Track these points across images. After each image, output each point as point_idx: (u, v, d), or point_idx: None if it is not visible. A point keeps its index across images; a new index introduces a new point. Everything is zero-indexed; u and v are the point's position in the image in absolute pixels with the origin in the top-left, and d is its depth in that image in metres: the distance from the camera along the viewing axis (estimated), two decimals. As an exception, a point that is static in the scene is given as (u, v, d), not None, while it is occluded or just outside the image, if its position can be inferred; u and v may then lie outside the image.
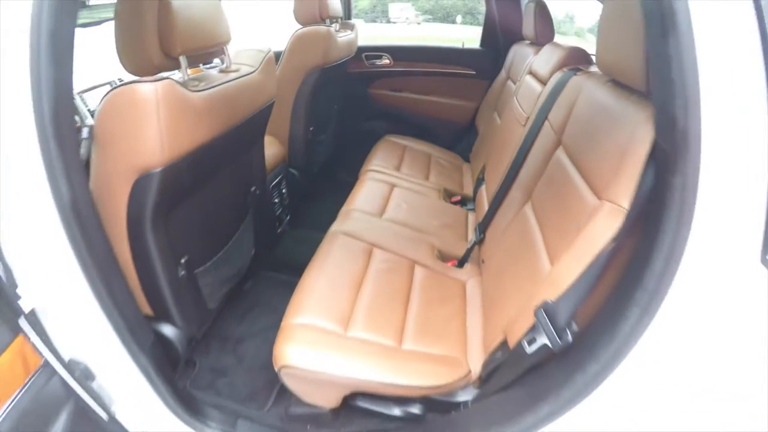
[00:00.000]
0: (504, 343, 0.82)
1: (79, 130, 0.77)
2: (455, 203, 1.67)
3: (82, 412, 0.69)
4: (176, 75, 0.86)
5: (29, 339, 0.60)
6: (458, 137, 2.23)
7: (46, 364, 0.63)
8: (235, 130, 1.03)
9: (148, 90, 0.75)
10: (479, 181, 1.59)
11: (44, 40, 0.57)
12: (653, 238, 0.47)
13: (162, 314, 1.00)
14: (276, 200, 1.59)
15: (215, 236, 1.14)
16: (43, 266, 0.67)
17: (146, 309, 0.98)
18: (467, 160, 2.04)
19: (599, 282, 0.61)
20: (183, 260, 0.99)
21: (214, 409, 0.94)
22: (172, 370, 1.01)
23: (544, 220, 0.91)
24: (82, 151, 0.79)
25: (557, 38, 1.64)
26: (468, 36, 3.11)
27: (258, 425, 0.95)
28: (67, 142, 0.62)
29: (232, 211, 1.22)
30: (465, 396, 0.91)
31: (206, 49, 0.95)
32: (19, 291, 0.65)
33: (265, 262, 1.51)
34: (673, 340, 0.52)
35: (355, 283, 1.07)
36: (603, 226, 0.60)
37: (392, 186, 1.62)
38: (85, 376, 0.75)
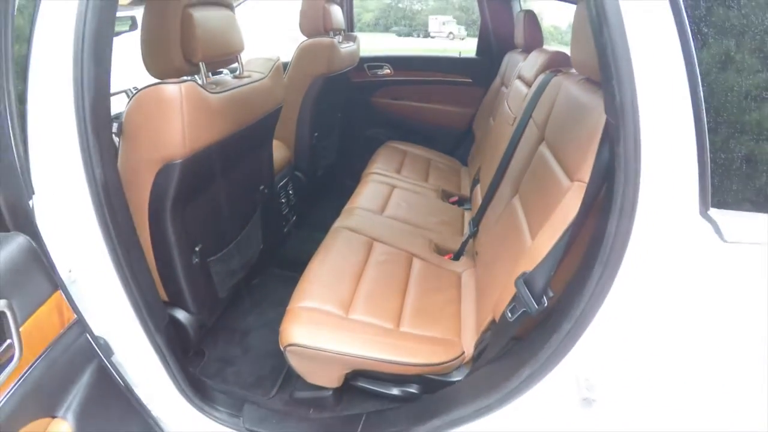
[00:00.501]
0: (493, 322, 0.88)
1: None
2: (453, 203, 1.74)
3: (103, 373, 0.75)
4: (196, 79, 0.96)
5: (65, 295, 0.67)
6: (457, 142, 2.31)
7: (78, 321, 0.69)
8: (247, 130, 1.12)
9: (174, 90, 0.85)
10: (475, 182, 1.66)
11: (87, 40, 0.66)
12: (609, 203, 0.54)
13: (176, 299, 1.07)
14: (283, 200, 1.68)
15: (227, 229, 1.22)
16: (72, 243, 0.73)
17: (162, 295, 1.04)
18: (465, 164, 2.12)
19: (572, 253, 0.67)
20: (197, 248, 1.07)
21: (221, 394, 0.99)
22: (184, 355, 1.07)
23: (528, 208, 0.97)
24: None
25: (563, 49, 1.70)
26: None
27: (264, 409, 0.98)
28: (102, 131, 0.71)
29: (243, 207, 1.30)
30: (459, 376, 0.96)
31: (223, 57, 1.05)
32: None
33: (273, 260, 1.57)
34: (634, 294, 0.58)
35: (356, 273, 1.13)
36: (572, 202, 0.67)
37: (393, 187, 1.70)
38: (104, 351, 0.79)
